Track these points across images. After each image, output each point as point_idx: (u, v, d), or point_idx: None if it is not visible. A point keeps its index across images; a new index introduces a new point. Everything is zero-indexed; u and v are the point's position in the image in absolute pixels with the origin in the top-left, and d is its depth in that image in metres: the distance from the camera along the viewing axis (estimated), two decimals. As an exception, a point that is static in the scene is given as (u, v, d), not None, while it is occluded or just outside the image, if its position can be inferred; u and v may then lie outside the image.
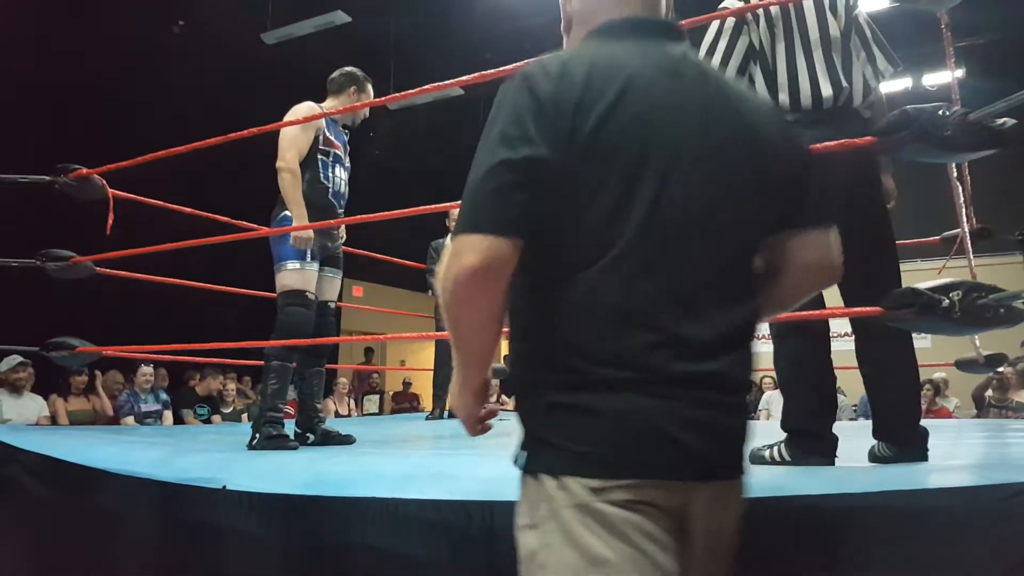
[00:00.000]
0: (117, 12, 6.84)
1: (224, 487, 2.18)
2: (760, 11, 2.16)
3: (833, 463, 2.03)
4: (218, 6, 7.47)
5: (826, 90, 2.10)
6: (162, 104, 6.90)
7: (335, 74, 3.36)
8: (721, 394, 1.02)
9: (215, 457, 2.52)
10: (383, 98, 3.01)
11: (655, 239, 1.00)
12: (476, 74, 2.60)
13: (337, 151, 3.24)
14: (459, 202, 1.02)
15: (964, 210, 3.39)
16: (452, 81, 2.77)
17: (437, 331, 4.86)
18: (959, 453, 2.38)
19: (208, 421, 6.62)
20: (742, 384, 1.07)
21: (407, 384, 10.02)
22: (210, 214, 4.24)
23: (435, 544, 1.48)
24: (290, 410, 7.37)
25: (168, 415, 6.30)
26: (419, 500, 1.77)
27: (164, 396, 6.43)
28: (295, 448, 2.91)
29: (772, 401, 7.31)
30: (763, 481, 1.63)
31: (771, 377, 7.27)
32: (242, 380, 8.23)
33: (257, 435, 2.90)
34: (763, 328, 1.26)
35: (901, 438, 2.08)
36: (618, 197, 1.00)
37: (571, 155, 0.99)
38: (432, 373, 5.57)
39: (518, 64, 2.46)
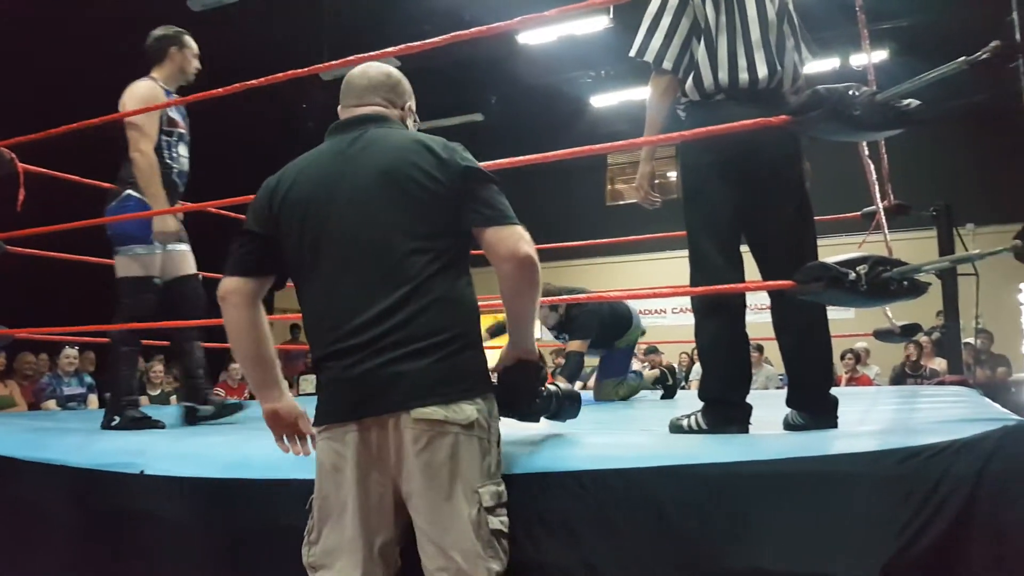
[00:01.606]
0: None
1: (142, 472, 2.14)
2: None
3: (747, 431, 2.09)
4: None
5: (762, 71, 2.14)
6: (79, 74, 6.62)
7: (149, 41, 3.22)
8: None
9: (133, 441, 2.45)
10: (317, 66, 2.92)
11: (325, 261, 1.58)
12: (414, 43, 2.57)
13: (180, 129, 3.19)
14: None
15: (879, 187, 3.51)
16: (387, 50, 2.71)
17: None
18: (869, 419, 2.48)
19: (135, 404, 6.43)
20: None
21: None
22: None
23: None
24: (219, 392, 7.28)
25: (93, 399, 6.12)
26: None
27: (88, 379, 6.24)
28: (162, 427, 2.93)
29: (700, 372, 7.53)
30: (678, 449, 1.68)
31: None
32: (172, 361, 8.04)
33: (117, 417, 2.91)
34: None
35: (813, 406, 2.16)
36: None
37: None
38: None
39: (457, 34, 2.49)
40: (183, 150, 3.20)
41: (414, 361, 1.48)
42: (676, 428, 2.17)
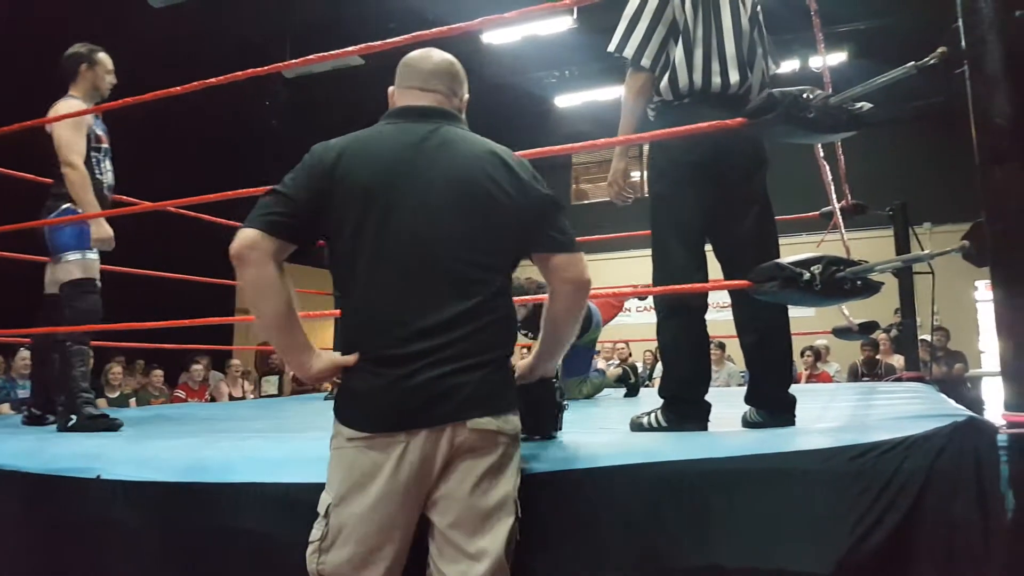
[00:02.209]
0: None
1: (99, 476, 2.10)
2: None
3: (706, 428, 2.12)
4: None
5: (733, 77, 2.18)
6: (35, 69, 6.43)
7: (63, 60, 3.28)
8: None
9: (89, 444, 2.41)
10: (278, 65, 2.89)
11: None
12: (377, 42, 2.56)
13: (105, 145, 3.28)
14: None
15: (834, 188, 3.57)
16: (350, 49, 2.69)
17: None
18: (826, 416, 2.52)
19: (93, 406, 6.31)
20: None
21: (308, 363, 9.78)
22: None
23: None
24: (180, 394, 7.17)
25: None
26: (301, 484, 1.75)
27: (43, 382, 6.08)
28: (120, 427, 2.95)
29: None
30: (636, 448, 1.70)
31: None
32: (133, 363, 7.92)
33: (74, 416, 2.94)
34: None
35: (771, 404, 2.19)
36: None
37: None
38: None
39: (421, 34, 2.48)
40: (109, 165, 3.31)
41: (471, 373, 1.46)
42: (637, 426, 2.19)
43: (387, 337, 1.47)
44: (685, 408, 2.13)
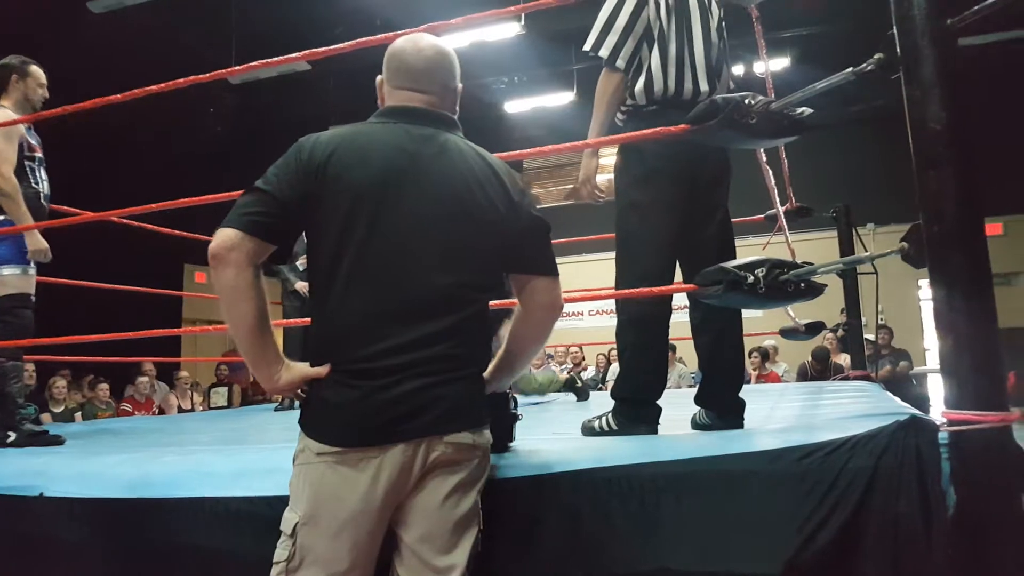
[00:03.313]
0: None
1: (41, 494, 2.03)
2: None
3: (656, 431, 2.14)
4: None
5: (703, 85, 2.21)
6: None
7: None
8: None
9: (31, 461, 2.33)
10: (222, 71, 2.84)
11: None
12: (322, 48, 2.54)
13: (39, 154, 3.25)
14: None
15: (778, 191, 3.64)
16: (294, 56, 2.66)
17: (284, 318, 4.70)
18: (774, 417, 2.57)
19: (37, 421, 6.11)
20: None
21: (260, 373, 9.61)
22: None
23: (268, 542, 1.44)
24: (127, 407, 6.99)
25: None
26: (249, 497, 1.72)
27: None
28: (61, 443, 2.92)
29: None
30: (586, 453, 1.71)
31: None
32: (80, 378, 7.68)
33: (12, 433, 2.89)
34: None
35: (721, 406, 2.22)
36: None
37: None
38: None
39: (368, 39, 2.46)
40: (44, 174, 3.28)
41: (449, 387, 1.42)
42: (588, 430, 2.21)
43: (364, 348, 1.39)
44: (636, 410, 2.14)
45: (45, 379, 6.70)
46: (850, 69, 1.69)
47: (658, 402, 2.17)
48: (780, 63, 8.83)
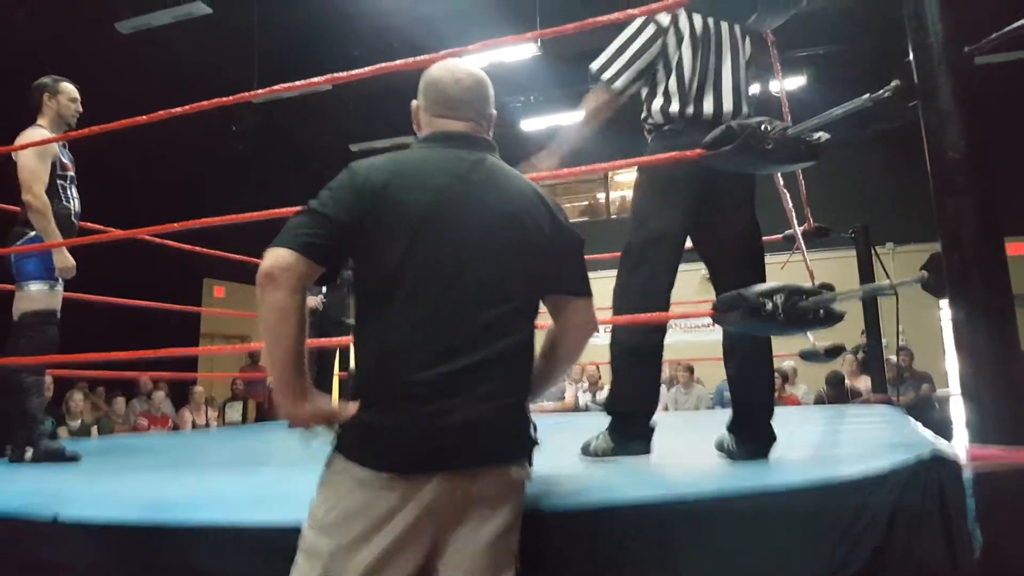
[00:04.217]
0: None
1: (56, 517, 2.03)
2: (685, 22, 2.24)
3: (650, 450, 2.13)
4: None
5: (727, 105, 2.22)
6: (5, 99, 6.32)
7: (30, 91, 3.34)
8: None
9: (46, 481, 2.34)
10: (245, 94, 2.89)
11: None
12: (342, 73, 2.58)
13: (71, 172, 3.33)
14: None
15: (796, 212, 3.62)
16: (315, 80, 2.69)
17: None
18: (794, 445, 2.46)
19: (54, 436, 6.16)
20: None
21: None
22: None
23: (282, 570, 1.42)
24: (143, 422, 7.03)
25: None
26: (266, 526, 1.70)
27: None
28: (77, 460, 2.95)
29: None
30: (601, 484, 1.67)
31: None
32: (95, 391, 7.74)
33: (30, 448, 2.94)
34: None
35: (748, 436, 2.19)
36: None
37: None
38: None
39: (388, 65, 2.49)
40: (75, 192, 3.35)
41: (499, 416, 1.39)
42: (585, 450, 2.22)
43: (416, 373, 1.35)
44: (631, 425, 2.14)
45: (62, 391, 6.74)
46: (867, 96, 1.69)
47: (652, 421, 2.16)
48: (796, 82, 8.80)
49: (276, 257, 1.36)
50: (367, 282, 1.44)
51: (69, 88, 3.34)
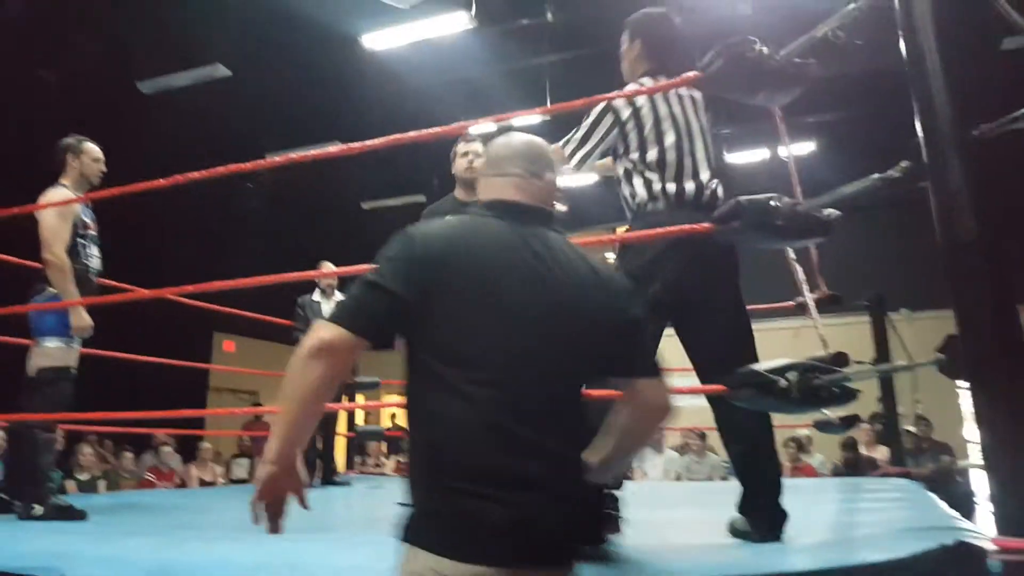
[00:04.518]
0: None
1: (62, 579, 2.01)
2: (648, 109, 2.28)
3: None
4: (91, 51, 7.19)
5: (704, 178, 2.24)
6: (27, 154, 6.48)
7: (55, 151, 3.40)
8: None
9: (54, 541, 2.32)
10: (262, 161, 2.97)
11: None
12: (355, 144, 2.63)
13: (92, 231, 3.38)
14: (326, 267, 1.26)
15: (807, 282, 3.62)
16: (337, 149, 2.74)
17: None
18: (811, 522, 2.39)
19: (62, 489, 6.11)
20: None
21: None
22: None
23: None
24: (150, 477, 6.98)
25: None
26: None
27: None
28: (85, 518, 2.94)
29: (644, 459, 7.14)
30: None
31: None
32: (102, 444, 7.71)
33: (38, 506, 2.93)
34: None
35: (760, 516, 2.14)
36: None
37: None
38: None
39: (400, 136, 2.55)
40: (95, 250, 3.39)
41: (575, 510, 1.32)
42: None
43: (485, 457, 1.27)
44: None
45: (71, 444, 6.72)
46: (876, 175, 1.71)
47: (688, 494, 2.12)
48: (804, 147, 8.88)
49: (333, 335, 1.32)
50: (425, 358, 1.35)
51: (93, 148, 3.41)
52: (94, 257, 3.36)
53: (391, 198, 9.95)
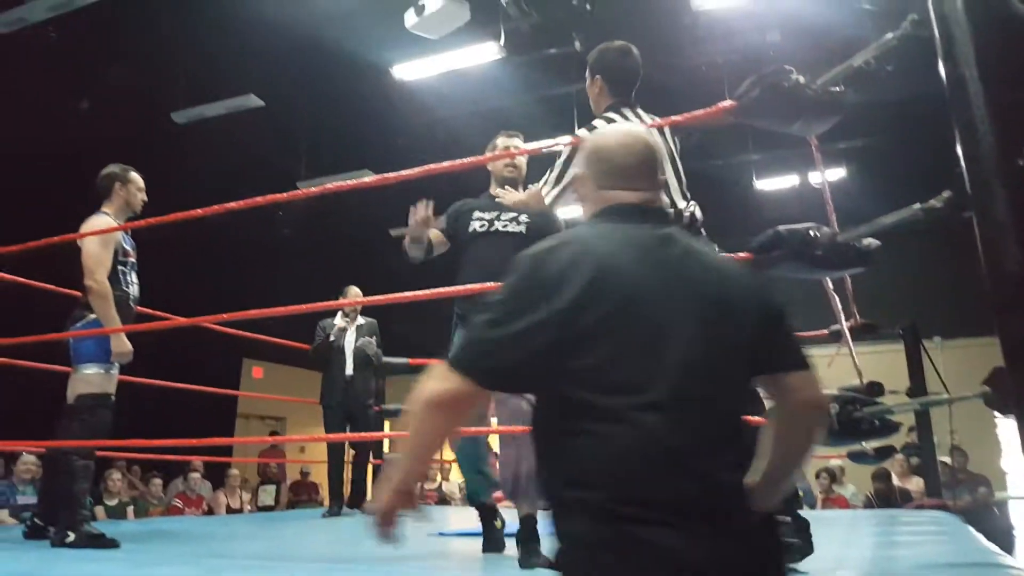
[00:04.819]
0: (17, 90, 6.60)
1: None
2: None
3: None
4: (126, 82, 7.35)
5: (680, 203, 2.23)
6: (63, 184, 6.64)
7: (99, 178, 3.46)
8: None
9: (84, 570, 2.34)
10: (296, 192, 3.04)
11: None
12: (391, 174, 2.73)
13: (132, 259, 3.43)
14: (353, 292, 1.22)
15: (843, 311, 3.58)
16: (372, 179, 2.81)
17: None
18: (846, 559, 2.36)
19: (92, 515, 6.15)
20: None
21: (305, 474, 9.58)
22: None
23: None
24: (178, 503, 7.02)
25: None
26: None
27: (41, 491, 5.96)
28: (117, 546, 2.93)
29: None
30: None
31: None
32: (131, 470, 7.78)
33: (72, 533, 2.94)
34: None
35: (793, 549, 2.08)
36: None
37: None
38: (327, 466, 5.28)
39: (433, 167, 2.59)
40: (135, 277, 3.44)
41: (753, 539, 1.19)
42: None
43: (653, 484, 1.14)
44: None
45: (100, 470, 6.78)
46: (917, 205, 1.68)
47: None
48: (836, 174, 8.82)
49: (451, 384, 1.20)
50: (572, 392, 1.20)
51: (137, 178, 3.50)
52: (134, 284, 3.41)
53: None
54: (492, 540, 2.86)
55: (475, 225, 2.90)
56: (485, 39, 6.87)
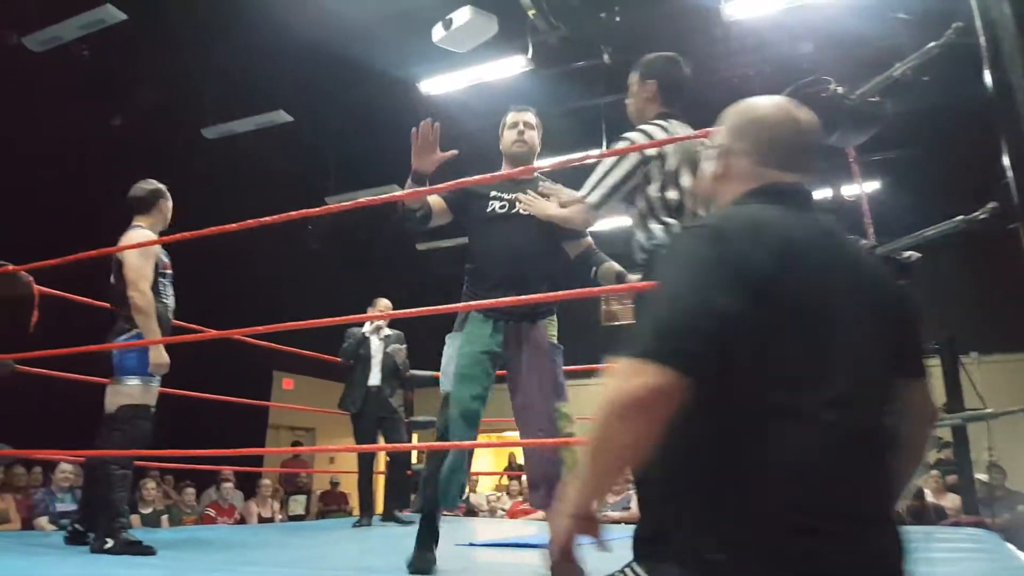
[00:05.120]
0: (51, 107, 6.74)
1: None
2: (670, 146, 2.29)
3: None
4: (157, 99, 7.50)
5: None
6: (97, 199, 6.78)
7: (140, 193, 3.52)
8: None
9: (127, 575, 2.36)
10: (327, 207, 3.08)
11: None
12: (424, 188, 2.71)
13: (169, 271, 3.49)
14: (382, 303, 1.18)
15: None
16: (401, 194, 2.80)
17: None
18: None
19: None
20: None
21: (335, 484, 9.65)
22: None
23: None
24: (210, 512, 7.09)
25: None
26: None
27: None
28: (153, 553, 2.97)
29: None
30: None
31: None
32: (164, 479, 7.88)
33: (110, 540, 2.98)
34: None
35: None
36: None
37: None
38: (357, 476, 5.30)
39: (463, 181, 2.60)
40: (171, 290, 3.51)
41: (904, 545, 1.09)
42: None
43: (834, 492, 1.03)
44: (661, 548, 1.98)
45: (136, 479, 6.88)
46: (960, 217, 1.66)
47: None
48: (869, 186, 8.74)
49: (649, 377, 0.99)
50: (750, 386, 1.06)
51: (169, 195, 3.61)
52: (171, 297, 3.48)
53: (444, 240, 10.09)
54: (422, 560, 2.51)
55: (494, 205, 2.71)
56: (513, 52, 6.91)
